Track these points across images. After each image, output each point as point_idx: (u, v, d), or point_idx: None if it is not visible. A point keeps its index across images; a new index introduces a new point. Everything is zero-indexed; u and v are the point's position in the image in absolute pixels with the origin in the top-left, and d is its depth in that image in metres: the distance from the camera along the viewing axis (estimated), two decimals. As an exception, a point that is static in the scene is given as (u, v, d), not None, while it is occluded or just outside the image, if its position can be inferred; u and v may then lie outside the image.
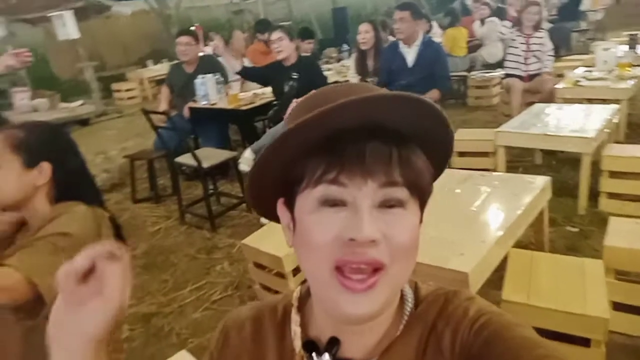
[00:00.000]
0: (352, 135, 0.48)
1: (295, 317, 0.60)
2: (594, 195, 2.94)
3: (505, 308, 1.63)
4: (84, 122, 6.92)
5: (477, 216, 1.91)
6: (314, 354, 0.55)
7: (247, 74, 3.85)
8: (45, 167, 1.16)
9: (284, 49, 3.54)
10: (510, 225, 1.82)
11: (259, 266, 2.36)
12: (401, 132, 0.50)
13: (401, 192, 0.49)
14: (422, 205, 0.53)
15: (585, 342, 1.54)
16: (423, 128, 0.50)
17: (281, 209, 0.55)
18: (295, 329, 0.59)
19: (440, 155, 0.55)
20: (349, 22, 9.37)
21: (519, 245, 2.23)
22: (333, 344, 0.54)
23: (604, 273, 1.71)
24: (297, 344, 0.57)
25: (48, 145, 1.19)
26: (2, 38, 6.55)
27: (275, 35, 3.57)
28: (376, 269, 0.48)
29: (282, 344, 0.60)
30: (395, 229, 0.48)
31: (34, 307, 1.01)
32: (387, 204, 0.49)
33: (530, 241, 2.50)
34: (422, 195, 0.52)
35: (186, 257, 3.05)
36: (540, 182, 2.16)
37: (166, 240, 3.31)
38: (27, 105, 6.54)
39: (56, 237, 1.07)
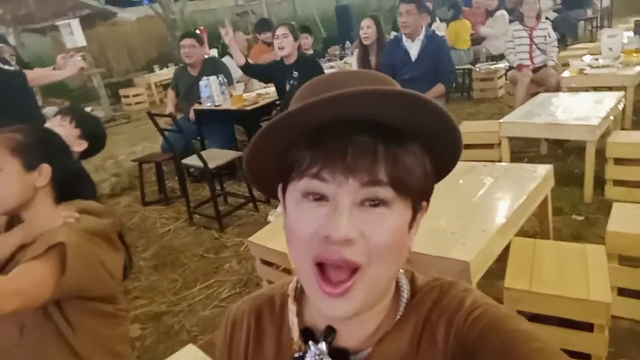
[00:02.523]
0: (339, 128, 0.47)
1: (291, 307, 0.61)
2: (600, 183, 2.92)
3: (508, 295, 1.65)
4: (93, 128, 7.01)
5: (479, 206, 1.92)
6: (310, 343, 0.56)
7: (249, 69, 3.85)
8: (45, 169, 1.18)
9: (287, 46, 3.55)
10: (512, 214, 1.82)
11: (266, 263, 2.39)
12: (394, 128, 0.48)
13: (385, 192, 0.47)
14: (416, 204, 0.51)
15: (589, 327, 1.55)
16: (424, 125, 0.48)
17: (280, 195, 0.55)
18: (292, 319, 0.60)
19: (446, 154, 0.53)
20: (353, 20, 9.37)
21: (524, 234, 2.23)
22: (329, 333, 0.55)
23: (606, 258, 1.71)
24: (295, 333, 0.59)
25: (46, 147, 1.21)
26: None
27: (281, 30, 3.58)
28: (355, 269, 0.47)
29: (281, 332, 0.61)
30: (375, 229, 0.47)
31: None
32: (370, 203, 0.47)
33: (536, 230, 2.50)
34: (413, 194, 0.50)
35: (195, 257, 3.09)
36: (542, 170, 2.16)
37: (175, 241, 3.36)
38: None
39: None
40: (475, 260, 1.55)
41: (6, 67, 2.95)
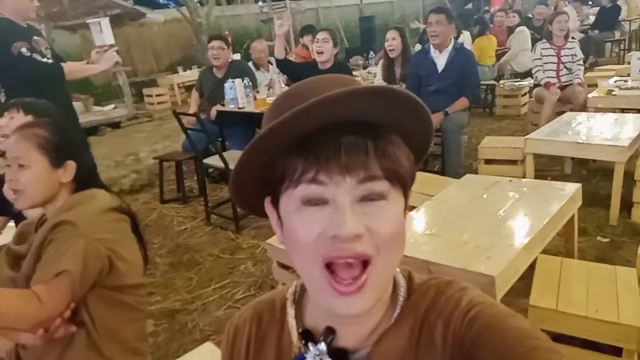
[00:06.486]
0: (326, 132, 0.48)
1: (290, 311, 0.61)
2: (626, 205, 2.86)
3: (533, 314, 1.61)
4: (116, 125, 7.13)
5: (505, 221, 1.88)
6: (310, 344, 0.56)
7: (284, 64, 3.86)
8: (71, 165, 1.21)
9: (326, 51, 3.58)
10: (539, 231, 1.78)
11: (283, 266, 2.38)
12: (377, 124, 0.49)
13: (381, 185, 0.49)
14: (406, 192, 0.53)
15: (616, 352, 1.50)
16: (399, 117, 0.50)
17: (268, 208, 0.56)
18: (291, 322, 0.60)
19: (419, 139, 0.54)
20: (376, 31, 9.41)
21: (548, 253, 2.18)
22: (328, 333, 0.55)
23: (637, 281, 1.66)
24: (294, 335, 0.59)
25: (71, 144, 1.23)
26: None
27: (322, 35, 3.61)
28: (365, 262, 0.48)
29: (281, 336, 0.61)
30: (379, 221, 0.48)
31: None
32: (369, 198, 0.48)
33: (560, 250, 2.45)
34: (404, 183, 0.52)
35: (210, 257, 3.09)
36: (571, 189, 2.12)
37: (191, 240, 3.37)
38: (62, 108, 6.77)
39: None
40: (500, 275, 1.51)
41: (44, 60, 2.99)
